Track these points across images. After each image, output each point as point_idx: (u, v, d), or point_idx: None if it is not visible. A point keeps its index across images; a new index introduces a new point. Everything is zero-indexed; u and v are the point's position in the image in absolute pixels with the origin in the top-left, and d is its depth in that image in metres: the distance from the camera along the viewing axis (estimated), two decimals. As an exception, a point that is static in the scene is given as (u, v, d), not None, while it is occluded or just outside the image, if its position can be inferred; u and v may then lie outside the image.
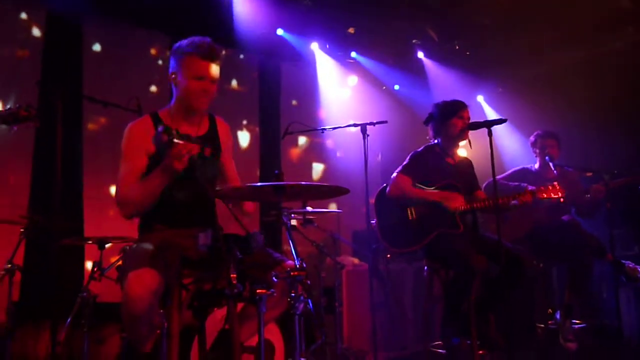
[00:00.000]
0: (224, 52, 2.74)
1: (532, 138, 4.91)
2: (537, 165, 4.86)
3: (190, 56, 2.63)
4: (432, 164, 3.92)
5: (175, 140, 2.31)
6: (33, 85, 4.31)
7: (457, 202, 3.76)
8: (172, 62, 2.71)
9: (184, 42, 2.68)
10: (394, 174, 3.92)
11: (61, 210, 3.94)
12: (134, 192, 2.56)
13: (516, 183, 4.53)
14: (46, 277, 4.29)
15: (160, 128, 2.31)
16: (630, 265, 4.51)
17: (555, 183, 3.84)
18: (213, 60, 2.64)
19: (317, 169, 6.84)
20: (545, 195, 3.82)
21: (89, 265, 4.62)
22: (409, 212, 3.88)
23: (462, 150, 4.33)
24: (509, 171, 4.94)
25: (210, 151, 2.59)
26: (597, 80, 6.05)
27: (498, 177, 4.72)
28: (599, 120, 5.83)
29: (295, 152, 6.68)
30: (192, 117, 2.76)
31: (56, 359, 3.52)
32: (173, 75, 2.70)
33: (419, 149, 4.02)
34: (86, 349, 3.50)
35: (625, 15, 5.53)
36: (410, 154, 4.01)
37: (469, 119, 3.93)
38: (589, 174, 4.68)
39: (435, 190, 3.83)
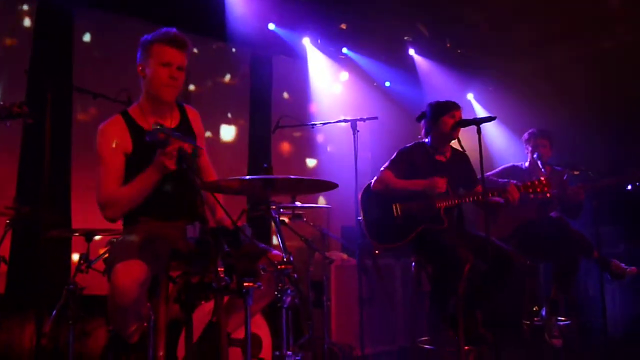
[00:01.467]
0: (195, 50, 2.75)
1: (525, 135, 4.93)
2: (527, 163, 4.88)
3: (156, 43, 2.64)
4: (419, 161, 3.94)
5: (172, 138, 2.32)
6: (22, 74, 4.27)
7: (440, 185, 3.74)
8: (138, 55, 2.70)
9: (151, 34, 2.68)
10: (381, 169, 3.93)
11: (48, 201, 3.92)
12: (122, 193, 2.55)
13: (505, 180, 4.56)
14: (32, 269, 4.26)
15: (156, 126, 2.30)
16: (615, 263, 4.55)
17: (542, 178, 3.86)
18: (179, 47, 2.64)
19: (308, 163, 6.84)
20: (531, 191, 3.85)
21: (75, 257, 4.60)
22: (394, 209, 3.90)
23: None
24: (499, 168, 4.96)
25: (201, 148, 2.59)
26: (587, 79, 6.09)
27: (488, 173, 4.78)
28: (588, 119, 5.86)
29: (285, 147, 6.67)
30: (162, 110, 2.75)
31: (41, 351, 3.49)
32: (140, 68, 2.70)
33: (407, 146, 4.04)
34: (72, 341, 3.48)
35: (616, 14, 5.56)
36: (397, 151, 4.03)
37: (460, 118, 3.94)
38: (576, 172, 4.71)
39: (417, 180, 3.84)
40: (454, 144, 4.05)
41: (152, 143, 2.38)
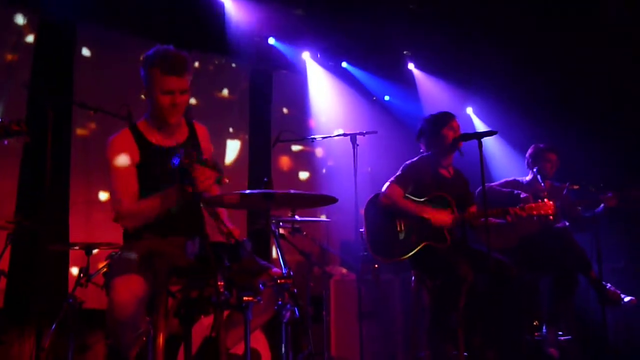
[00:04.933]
0: (196, 64, 2.76)
1: (530, 149, 4.92)
2: (528, 178, 4.89)
3: (155, 71, 2.59)
4: (426, 176, 3.93)
5: (196, 165, 2.32)
6: (22, 89, 4.29)
7: (445, 220, 3.78)
8: (142, 74, 2.69)
9: (151, 52, 2.65)
10: (387, 183, 3.91)
11: (48, 215, 3.92)
12: (143, 206, 2.57)
13: (509, 189, 4.55)
14: (32, 282, 4.25)
15: (181, 151, 2.31)
16: (611, 289, 4.53)
17: (547, 200, 3.84)
18: (179, 74, 2.59)
19: (307, 177, 6.84)
20: (535, 212, 3.84)
21: (74, 271, 4.59)
22: (397, 224, 3.89)
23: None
24: (501, 181, 4.96)
25: (225, 181, 2.48)
26: (585, 94, 6.12)
27: (492, 184, 4.80)
28: (587, 133, 5.88)
29: (285, 161, 6.68)
30: (170, 126, 2.76)
31: (40, 366, 3.48)
32: (144, 88, 2.70)
33: (413, 160, 4.02)
34: (71, 355, 3.47)
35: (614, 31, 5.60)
36: (404, 164, 4.01)
37: (459, 128, 3.95)
38: (576, 186, 4.72)
39: (425, 206, 3.85)
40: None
41: (175, 167, 2.36)
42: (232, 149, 6.17)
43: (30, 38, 4.84)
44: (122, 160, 2.64)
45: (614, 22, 5.49)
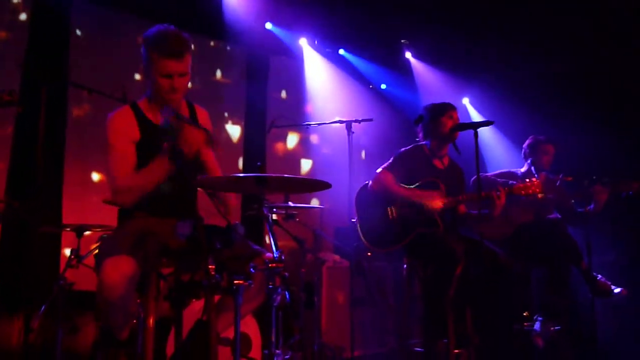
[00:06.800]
0: (192, 47, 2.72)
1: (528, 140, 4.92)
2: (523, 169, 4.89)
3: (154, 53, 2.57)
4: (418, 164, 3.93)
5: (185, 124, 2.30)
6: (16, 68, 4.24)
7: (437, 202, 3.78)
8: (142, 52, 2.66)
9: (151, 31, 2.62)
10: (378, 170, 3.91)
11: (39, 196, 3.89)
12: (135, 180, 2.54)
13: (504, 180, 4.56)
14: (22, 264, 4.23)
15: (169, 111, 2.28)
16: (602, 280, 4.56)
17: (534, 179, 3.87)
18: (179, 58, 2.57)
19: (302, 163, 6.84)
20: (523, 192, 3.85)
21: (66, 252, 4.57)
22: (389, 211, 3.89)
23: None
24: (496, 172, 4.97)
25: (214, 142, 2.51)
26: (582, 87, 6.11)
27: (487, 174, 4.82)
28: (583, 125, 5.88)
29: (280, 146, 6.66)
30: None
31: (29, 347, 3.47)
32: (144, 69, 2.68)
33: (406, 148, 4.01)
34: (60, 337, 3.46)
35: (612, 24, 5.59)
36: (396, 152, 4.01)
37: (458, 120, 3.95)
38: (570, 178, 4.72)
39: (416, 190, 3.85)
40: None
41: (164, 127, 2.35)
42: (227, 133, 6.15)
43: (23, 16, 4.78)
44: (122, 137, 2.62)
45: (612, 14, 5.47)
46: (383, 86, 7.37)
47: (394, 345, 4.96)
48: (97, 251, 2.83)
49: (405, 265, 3.95)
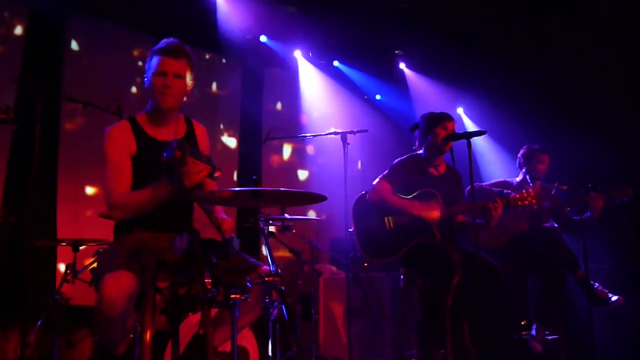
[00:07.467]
0: (193, 59, 2.77)
1: (523, 150, 4.94)
2: (518, 179, 4.91)
3: (154, 54, 2.68)
4: (414, 174, 3.94)
5: (189, 158, 2.27)
6: (11, 82, 4.24)
7: (434, 214, 3.79)
8: (146, 67, 2.75)
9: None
10: (376, 180, 3.93)
11: (34, 210, 3.88)
12: (132, 198, 2.55)
13: (499, 189, 4.58)
14: (18, 278, 4.21)
15: (173, 143, 2.27)
16: (599, 289, 4.56)
17: (530, 190, 3.89)
18: (173, 56, 2.66)
19: (298, 175, 6.84)
20: (520, 203, 3.86)
21: (61, 267, 4.56)
22: (386, 222, 3.90)
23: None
24: (491, 181, 4.99)
25: (219, 174, 2.46)
26: (578, 95, 6.14)
27: (483, 183, 4.83)
28: (577, 134, 5.90)
29: (275, 158, 6.67)
30: (167, 120, 2.76)
31: (25, 362, 3.45)
32: (145, 78, 2.73)
33: (403, 157, 4.03)
34: (56, 352, 3.44)
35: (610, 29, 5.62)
36: (393, 162, 4.03)
37: (453, 130, 3.96)
38: (564, 186, 4.74)
39: (414, 201, 3.86)
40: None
41: (167, 159, 2.31)
42: (222, 145, 6.15)
43: (19, 30, 4.79)
44: (119, 151, 2.63)
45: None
46: (378, 97, 7.40)
47: (392, 356, 4.94)
48: (94, 266, 2.81)
49: (402, 276, 3.95)
